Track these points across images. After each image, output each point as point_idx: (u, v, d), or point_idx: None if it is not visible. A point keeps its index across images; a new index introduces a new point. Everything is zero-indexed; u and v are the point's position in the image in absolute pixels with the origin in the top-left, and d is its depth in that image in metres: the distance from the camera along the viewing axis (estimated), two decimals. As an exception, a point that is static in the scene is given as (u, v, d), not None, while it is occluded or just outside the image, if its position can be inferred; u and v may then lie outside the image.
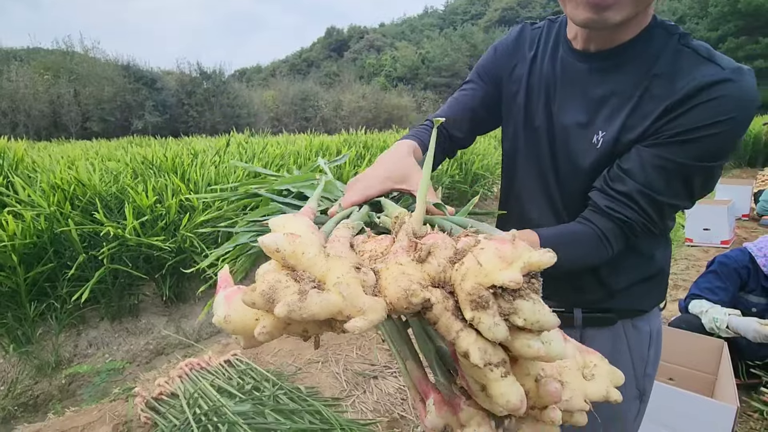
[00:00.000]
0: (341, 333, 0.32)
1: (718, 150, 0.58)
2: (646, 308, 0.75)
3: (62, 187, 2.65)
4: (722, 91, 0.55)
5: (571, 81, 0.68)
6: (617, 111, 0.62)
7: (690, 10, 33.08)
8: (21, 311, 2.50)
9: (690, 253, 4.10)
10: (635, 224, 0.62)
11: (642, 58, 0.62)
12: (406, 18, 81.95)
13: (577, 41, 0.67)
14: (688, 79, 0.57)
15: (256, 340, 0.33)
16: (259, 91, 29.58)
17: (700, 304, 1.94)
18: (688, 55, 0.60)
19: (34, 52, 26.34)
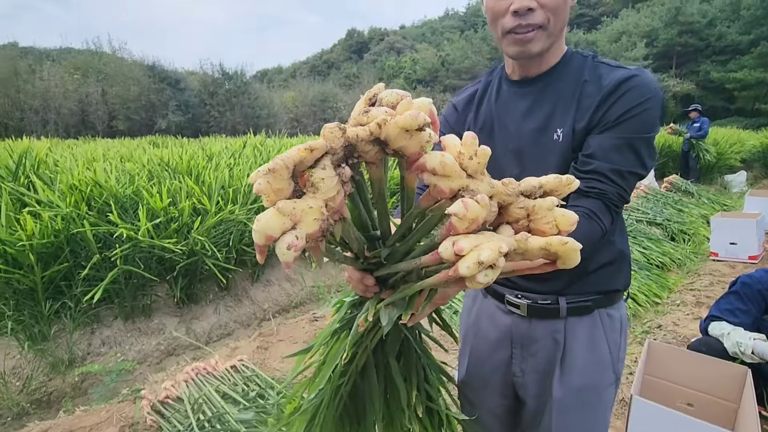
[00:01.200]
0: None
1: (648, 123, 0.74)
2: (617, 287, 0.85)
3: (80, 188, 2.71)
4: (635, 82, 0.73)
5: (521, 100, 0.83)
6: (565, 111, 0.78)
7: (721, 13, 31.96)
8: (37, 309, 2.56)
9: (715, 269, 3.93)
10: (612, 195, 0.72)
11: (570, 74, 0.80)
12: (427, 20, 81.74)
13: (515, 74, 0.85)
14: (610, 78, 0.75)
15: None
16: (279, 91, 29.92)
17: (721, 327, 1.84)
18: (603, 66, 0.79)
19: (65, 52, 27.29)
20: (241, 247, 3.32)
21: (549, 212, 0.46)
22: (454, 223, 0.42)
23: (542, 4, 0.73)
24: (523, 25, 0.73)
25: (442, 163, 0.43)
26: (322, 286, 3.84)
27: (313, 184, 0.42)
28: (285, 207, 0.40)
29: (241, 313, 3.37)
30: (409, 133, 0.42)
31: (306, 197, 0.42)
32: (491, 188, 0.45)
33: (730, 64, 29.28)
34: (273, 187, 0.40)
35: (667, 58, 33.59)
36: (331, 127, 0.43)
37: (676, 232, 4.91)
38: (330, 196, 0.42)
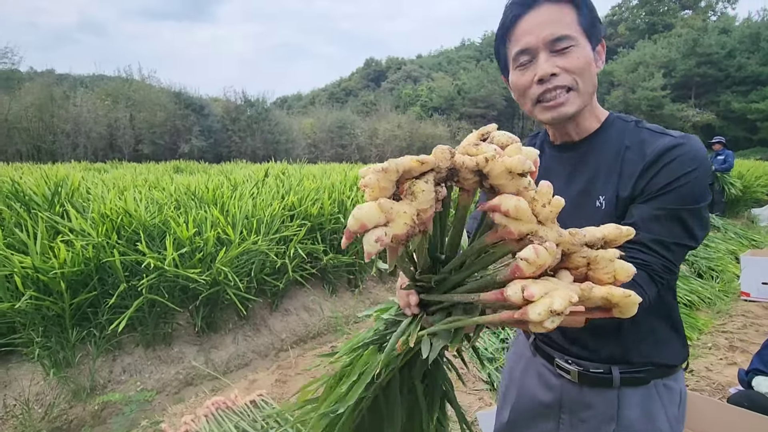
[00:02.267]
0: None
1: (695, 194, 0.71)
2: (673, 361, 0.82)
3: (111, 217, 2.80)
4: (679, 152, 0.71)
5: (563, 165, 0.84)
6: (608, 178, 0.77)
7: (740, 44, 31.93)
8: (64, 336, 2.60)
9: (747, 309, 3.77)
10: (656, 266, 0.70)
11: (612, 139, 0.79)
12: (443, 50, 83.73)
13: (556, 139, 0.86)
14: (653, 147, 0.74)
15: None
16: (298, 118, 30.75)
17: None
18: (646, 132, 0.77)
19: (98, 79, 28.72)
20: (262, 276, 3.34)
21: (610, 263, 0.48)
22: (521, 267, 0.44)
23: (565, 68, 0.74)
24: (551, 89, 0.75)
25: (516, 207, 0.45)
26: (340, 317, 3.82)
27: (413, 192, 0.46)
28: (385, 204, 0.44)
29: (259, 343, 3.36)
30: (511, 175, 0.46)
31: (403, 202, 0.46)
32: (559, 236, 0.47)
33: (751, 94, 29.03)
34: (380, 184, 0.44)
35: (686, 88, 33.48)
36: (442, 149, 0.47)
37: (703, 268, 4.76)
38: (424, 207, 0.46)
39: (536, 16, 0.75)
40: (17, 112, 18.01)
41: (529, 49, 0.75)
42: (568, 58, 0.74)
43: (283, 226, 3.60)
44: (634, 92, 32.36)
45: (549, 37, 0.73)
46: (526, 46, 0.75)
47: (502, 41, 0.81)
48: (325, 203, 3.85)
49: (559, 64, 0.74)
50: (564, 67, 0.74)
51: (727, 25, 37.16)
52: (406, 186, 0.46)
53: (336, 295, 4.08)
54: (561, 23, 0.74)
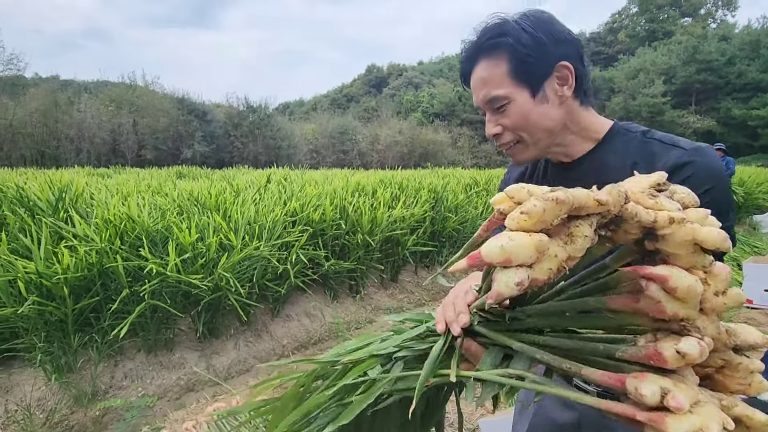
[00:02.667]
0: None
1: (715, 211, 0.62)
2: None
3: (114, 222, 2.81)
4: (692, 170, 0.66)
5: (565, 184, 0.77)
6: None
7: (740, 51, 32.06)
8: (66, 341, 2.60)
9: (750, 317, 3.76)
10: None
11: (615, 154, 0.75)
12: (444, 57, 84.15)
13: (553, 159, 0.84)
14: (663, 161, 0.69)
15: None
16: (300, 124, 30.89)
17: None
18: (657, 144, 0.72)
19: (102, 85, 28.93)
20: (264, 282, 3.35)
21: (750, 375, 0.41)
22: (668, 358, 0.35)
23: (505, 126, 0.76)
24: (502, 144, 0.78)
25: (689, 289, 0.36)
26: (341, 323, 3.82)
27: (572, 234, 0.38)
28: (543, 244, 0.37)
29: (260, 349, 3.36)
30: (695, 248, 0.37)
31: (556, 242, 0.38)
32: (717, 332, 0.39)
33: (752, 101, 29.10)
34: (543, 216, 0.37)
35: (687, 95, 33.58)
36: (618, 191, 0.39)
37: (705, 275, 4.75)
38: (575, 255, 0.39)
39: (475, 74, 0.77)
40: (22, 117, 18.15)
41: (479, 107, 0.79)
42: (506, 117, 0.75)
43: (285, 232, 3.62)
44: (635, 99, 32.45)
45: (485, 98, 0.75)
46: (475, 104, 0.79)
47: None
48: (326, 209, 3.86)
49: (500, 122, 0.76)
50: (504, 125, 0.76)
51: (726, 33, 37.33)
52: (568, 226, 0.39)
53: (337, 301, 4.08)
54: (493, 82, 0.74)
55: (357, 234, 3.96)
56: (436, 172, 8.73)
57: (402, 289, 4.69)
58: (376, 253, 4.22)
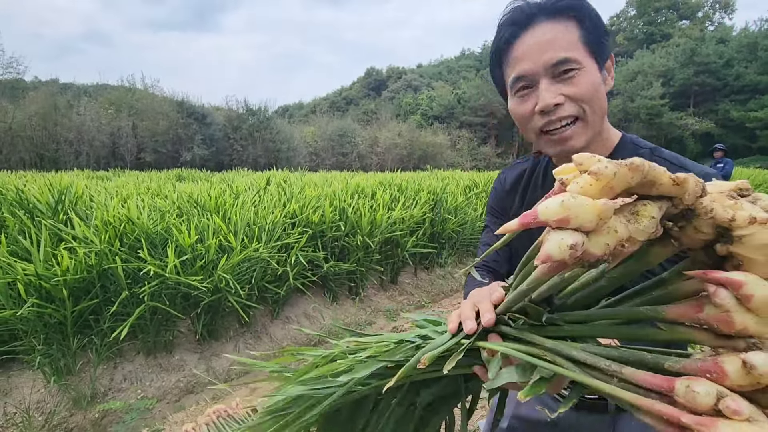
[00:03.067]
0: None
1: None
2: None
3: (114, 224, 2.81)
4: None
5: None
6: None
7: (738, 54, 32.20)
8: (65, 343, 2.60)
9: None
10: None
11: None
12: (444, 59, 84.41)
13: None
14: None
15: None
16: (299, 126, 30.93)
17: None
18: (664, 163, 0.64)
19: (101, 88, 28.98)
20: (263, 284, 3.35)
21: None
22: (728, 371, 0.32)
23: (570, 96, 0.66)
24: (554, 121, 0.67)
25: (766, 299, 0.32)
26: (340, 324, 3.82)
27: (638, 213, 0.35)
28: (607, 210, 0.34)
29: (260, 351, 3.36)
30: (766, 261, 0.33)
31: (619, 217, 0.35)
32: None
33: (749, 103, 29.19)
34: (614, 181, 0.34)
35: (685, 96, 33.70)
36: (697, 180, 0.35)
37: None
38: (637, 238, 0.35)
39: (533, 37, 0.67)
40: (21, 120, 18.17)
41: (527, 76, 0.68)
42: (573, 85, 0.66)
43: (284, 233, 3.62)
44: (633, 101, 32.54)
45: (549, 61, 0.65)
46: (523, 73, 0.68)
47: (497, 64, 0.74)
48: (326, 211, 3.87)
49: (563, 92, 0.66)
50: (569, 94, 0.66)
51: (724, 35, 37.52)
52: (635, 203, 0.36)
53: (337, 303, 4.08)
54: (562, 44, 0.65)
55: (356, 235, 3.96)
56: (435, 174, 8.75)
57: (402, 291, 4.69)
58: (375, 254, 4.22)
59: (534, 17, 0.67)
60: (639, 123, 32.44)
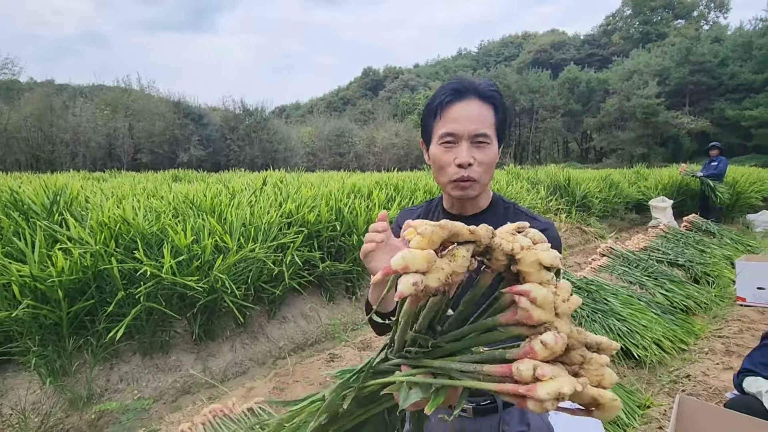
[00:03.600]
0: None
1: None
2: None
3: (109, 225, 2.81)
4: (547, 235, 0.84)
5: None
6: None
7: (733, 53, 32.33)
8: (61, 344, 2.60)
9: (743, 314, 3.79)
10: None
11: (497, 218, 0.96)
12: (440, 59, 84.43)
13: (453, 209, 1.02)
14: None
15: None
16: (296, 127, 30.87)
17: (758, 384, 1.77)
18: (521, 215, 0.97)
19: (97, 89, 28.85)
20: (259, 284, 3.35)
21: (601, 367, 0.53)
22: (536, 349, 0.48)
23: (479, 161, 0.90)
24: (464, 177, 0.90)
25: (544, 297, 0.49)
26: (337, 324, 3.82)
27: (453, 254, 0.51)
28: (431, 256, 0.50)
29: (256, 351, 3.36)
30: (540, 267, 0.51)
31: (443, 260, 0.51)
32: (570, 331, 0.51)
33: (745, 102, 29.32)
34: (432, 237, 0.50)
35: (681, 96, 33.81)
36: (486, 228, 0.53)
37: (699, 274, 4.78)
38: (457, 271, 0.51)
39: (465, 108, 0.88)
40: (16, 122, 18.07)
41: (455, 134, 0.89)
42: (483, 153, 0.90)
43: (280, 233, 3.62)
44: (629, 100, 32.63)
45: (474, 131, 0.88)
46: (453, 131, 0.89)
47: (432, 116, 0.93)
48: (322, 211, 3.87)
49: (475, 156, 0.89)
50: (478, 160, 0.89)
51: (719, 34, 37.64)
52: (449, 248, 0.52)
53: (334, 302, 4.09)
54: (484, 121, 0.89)
55: (352, 235, 3.97)
56: (432, 173, 8.75)
57: (398, 290, 4.70)
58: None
59: (469, 92, 0.89)
60: (635, 122, 32.55)
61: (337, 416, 0.68)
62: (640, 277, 4.40)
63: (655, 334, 3.32)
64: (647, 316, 3.53)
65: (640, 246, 5.33)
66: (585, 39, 60.98)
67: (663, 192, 9.45)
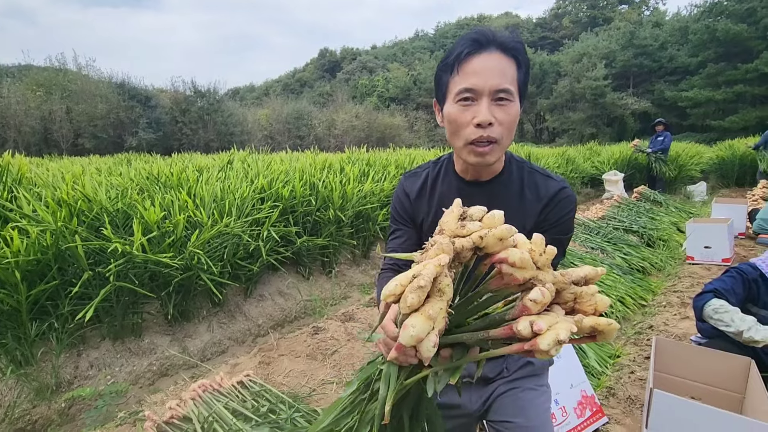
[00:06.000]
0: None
1: (570, 227, 0.95)
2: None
3: (68, 202, 2.59)
4: (564, 195, 0.93)
5: (477, 199, 0.92)
6: (516, 212, 0.92)
7: (671, 37, 34.33)
8: (21, 331, 2.40)
9: (693, 271, 4.13)
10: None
11: (514, 180, 0.96)
12: (398, 41, 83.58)
13: (467, 174, 0.97)
14: (544, 189, 0.93)
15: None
16: (252, 109, 29.66)
17: (727, 306, 1.86)
18: (537, 174, 0.96)
19: (26, 68, 26.20)
20: (235, 260, 3.24)
21: (592, 297, 0.57)
22: (529, 306, 0.52)
23: (500, 120, 0.83)
24: (484, 137, 0.83)
25: (521, 259, 0.53)
26: (317, 299, 3.78)
27: (441, 290, 0.53)
28: (432, 313, 0.51)
29: (235, 330, 3.27)
30: (502, 242, 0.55)
31: (434, 301, 0.52)
32: (554, 278, 0.55)
33: (681, 83, 31.35)
34: (420, 299, 0.51)
35: (625, 78, 35.63)
36: (447, 244, 0.56)
37: (653, 238, 5.15)
38: (450, 296, 0.54)
39: (487, 60, 0.81)
40: (-69, 104, 16.12)
41: (474, 90, 0.81)
42: (505, 112, 0.83)
43: (254, 209, 3.50)
44: (579, 82, 33.95)
45: (495, 86, 0.81)
46: (473, 87, 0.81)
47: (448, 71, 0.85)
48: (296, 185, 3.77)
49: (496, 115, 0.82)
50: (499, 119, 0.82)
51: (659, 19, 39.79)
52: (437, 284, 0.53)
53: (312, 278, 4.03)
54: (506, 76, 0.81)
55: (328, 210, 3.91)
56: (399, 151, 8.76)
57: (374, 265, 4.71)
58: (347, 228, 4.19)
59: (491, 44, 0.82)
60: (585, 103, 34.00)
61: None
62: (601, 243, 4.67)
63: (619, 292, 3.56)
64: (610, 278, 3.77)
65: (599, 215, 5.66)
66: (537, 22, 62.46)
67: (615, 166, 10.01)
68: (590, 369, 2.48)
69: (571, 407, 1.93)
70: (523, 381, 1.03)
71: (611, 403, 2.18)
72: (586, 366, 2.42)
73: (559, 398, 1.93)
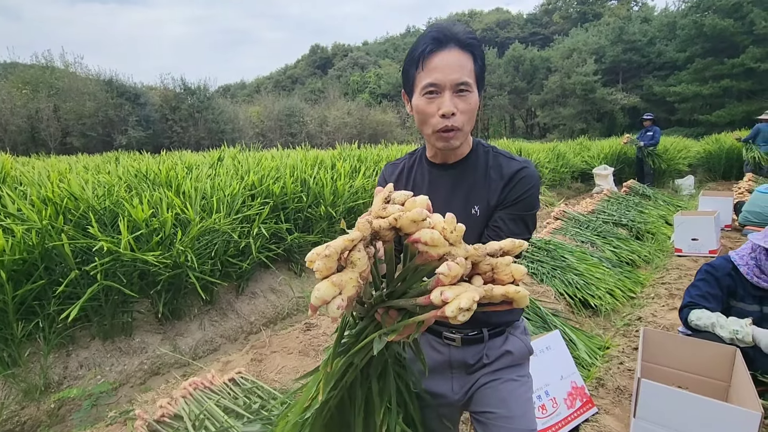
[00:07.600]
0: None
1: (533, 204, 0.99)
2: (517, 318, 1.13)
3: (54, 200, 2.55)
4: (524, 173, 0.98)
5: (443, 180, 1.05)
6: (480, 192, 1.00)
7: (659, 32, 34.63)
8: (7, 331, 2.36)
9: (680, 263, 4.19)
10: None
11: (479, 162, 1.02)
12: (389, 37, 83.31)
13: (436, 158, 1.06)
14: (507, 168, 0.99)
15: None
16: (243, 106, 29.40)
17: (707, 316, 1.94)
18: (502, 157, 1.02)
19: (12, 66, 25.71)
20: (226, 258, 3.22)
21: (507, 267, 0.63)
22: (440, 279, 0.58)
23: (461, 110, 0.92)
24: (448, 126, 0.92)
25: (432, 238, 0.59)
26: (309, 296, 3.77)
27: (352, 262, 0.59)
28: (336, 279, 0.57)
29: (227, 327, 3.25)
30: (416, 223, 0.60)
31: (347, 271, 0.59)
32: (466, 252, 0.62)
33: (669, 78, 31.65)
34: (327, 266, 0.57)
35: (614, 73, 35.91)
36: (363, 222, 0.61)
37: (642, 231, 5.20)
38: (363, 269, 0.59)
39: (446, 57, 0.90)
40: None
41: (438, 84, 0.91)
42: (465, 102, 0.92)
43: (244, 207, 3.48)
44: (570, 77, 34.17)
45: (455, 80, 0.90)
46: (436, 81, 0.91)
47: (414, 66, 0.95)
48: (287, 182, 3.75)
49: (458, 106, 0.91)
50: (461, 109, 0.92)
51: (648, 15, 40.12)
52: (346, 258, 0.59)
53: (304, 274, 4.03)
54: (464, 69, 0.90)
55: (320, 206, 3.90)
56: (391, 148, 8.75)
57: (366, 262, 4.71)
58: (339, 225, 4.18)
59: (449, 41, 0.90)
60: (575, 98, 34.23)
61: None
62: (591, 237, 4.72)
63: (608, 285, 3.60)
64: (600, 270, 3.81)
65: (589, 209, 5.71)
66: (528, 18, 62.64)
67: (604, 161, 10.09)
68: (580, 360, 2.51)
69: (561, 398, 1.95)
70: (504, 372, 1.07)
71: (601, 393, 2.21)
72: (576, 357, 2.44)
73: (550, 389, 1.95)
